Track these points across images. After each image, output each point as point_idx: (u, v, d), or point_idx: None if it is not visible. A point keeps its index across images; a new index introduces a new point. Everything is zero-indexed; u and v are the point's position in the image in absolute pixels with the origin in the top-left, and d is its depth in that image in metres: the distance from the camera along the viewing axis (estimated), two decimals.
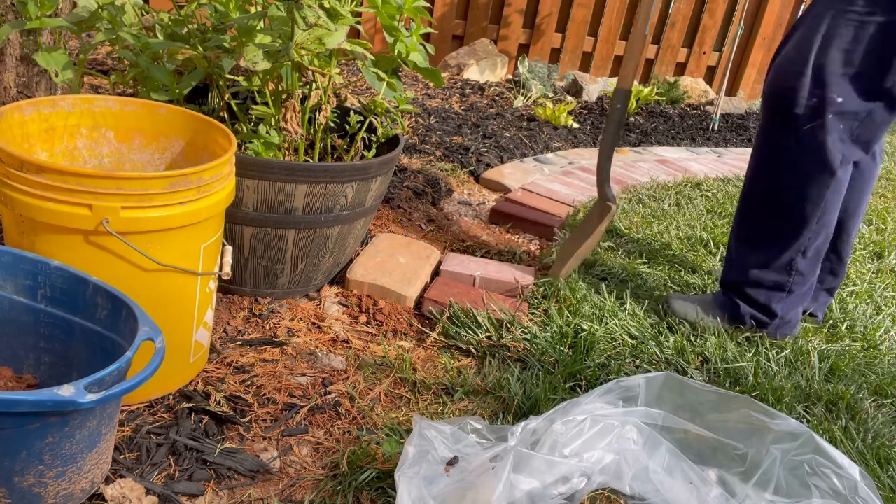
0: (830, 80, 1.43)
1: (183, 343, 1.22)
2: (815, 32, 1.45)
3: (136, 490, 1.02)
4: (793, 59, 1.48)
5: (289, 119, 1.50)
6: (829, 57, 1.43)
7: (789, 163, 1.53)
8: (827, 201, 1.54)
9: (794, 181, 1.53)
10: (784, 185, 1.55)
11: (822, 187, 1.52)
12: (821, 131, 1.47)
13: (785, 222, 1.58)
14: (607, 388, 1.23)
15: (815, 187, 1.52)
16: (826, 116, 1.45)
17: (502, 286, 1.78)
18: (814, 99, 1.45)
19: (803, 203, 1.54)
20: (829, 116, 1.45)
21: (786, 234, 1.58)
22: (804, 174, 1.52)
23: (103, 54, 3.05)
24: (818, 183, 1.52)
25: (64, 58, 1.34)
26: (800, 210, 1.55)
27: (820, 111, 1.46)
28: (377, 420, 1.29)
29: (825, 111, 1.45)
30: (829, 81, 1.44)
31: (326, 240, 1.56)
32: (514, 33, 4.37)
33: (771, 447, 1.17)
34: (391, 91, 1.66)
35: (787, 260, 1.60)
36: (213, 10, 1.51)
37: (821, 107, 1.45)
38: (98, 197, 1.00)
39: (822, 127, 1.46)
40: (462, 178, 2.62)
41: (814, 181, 1.52)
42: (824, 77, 1.44)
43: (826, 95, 1.44)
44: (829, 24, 1.42)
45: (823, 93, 1.44)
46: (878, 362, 1.74)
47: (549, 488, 1.09)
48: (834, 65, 1.43)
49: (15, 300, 1.07)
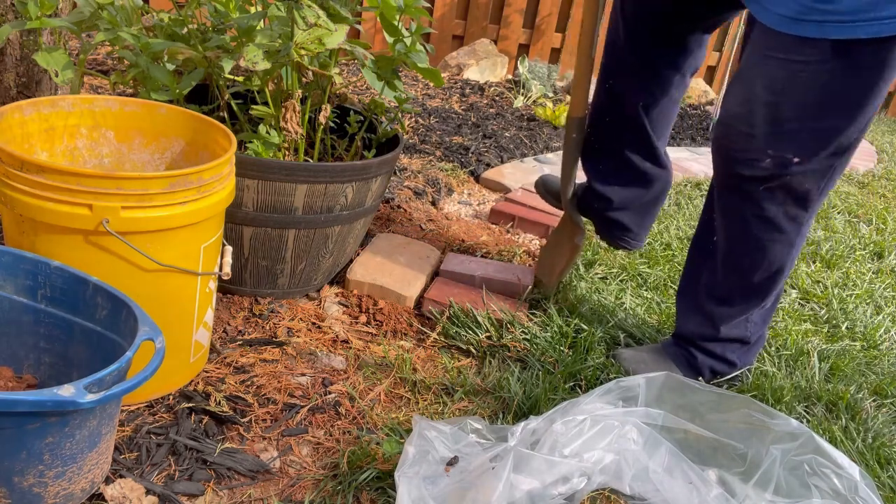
0: (784, 139, 1.23)
1: (183, 343, 1.22)
2: (753, 83, 1.24)
3: (136, 490, 1.02)
4: (737, 115, 1.27)
5: (289, 119, 1.50)
6: (778, 111, 1.22)
7: (746, 228, 1.36)
8: (791, 258, 1.39)
9: (755, 245, 1.36)
10: (743, 249, 1.38)
11: (786, 248, 1.36)
12: (779, 192, 1.29)
13: (746, 283, 1.42)
14: (607, 388, 1.23)
15: (779, 249, 1.36)
16: (783, 178, 1.26)
17: (502, 286, 1.78)
18: (767, 160, 1.25)
19: (767, 266, 1.38)
20: (787, 178, 1.26)
21: (748, 293, 1.43)
22: (764, 239, 1.35)
23: (103, 54, 3.05)
24: (781, 245, 1.36)
25: (64, 58, 1.34)
26: (764, 271, 1.39)
27: (775, 174, 1.27)
28: (377, 420, 1.29)
29: (783, 173, 1.26)
30: (783, 140, 1.24)
31: (326, 240, 1.56)
32: (514, 33, 4.37)
33: (771, 447, 1.17)
34: (391, 91, 1.66)
35: (747, 315, 1.47)
36: (213, 10, 1.51)
37: (776, 168, 1.26)
38: (98, 197, 1.00)
39: (780, 188, 1.28)
40: (462, 178, 2.62)
41: (776, 245, 1.35)
42: (776, 135, 1.24)
43: (782, 156, 1.24)
44: (773, 75, 1.21)
45: (777, 153, 1.25)
46: (878, 362, 1.74)
47: (549, 488, 1.09)
48: (787, 121, 1.22)
49: (15, 300, 1.07)
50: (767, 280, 1.40)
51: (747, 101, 1.25)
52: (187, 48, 1.43)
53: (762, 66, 1.22)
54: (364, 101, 1.82)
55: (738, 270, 1.41)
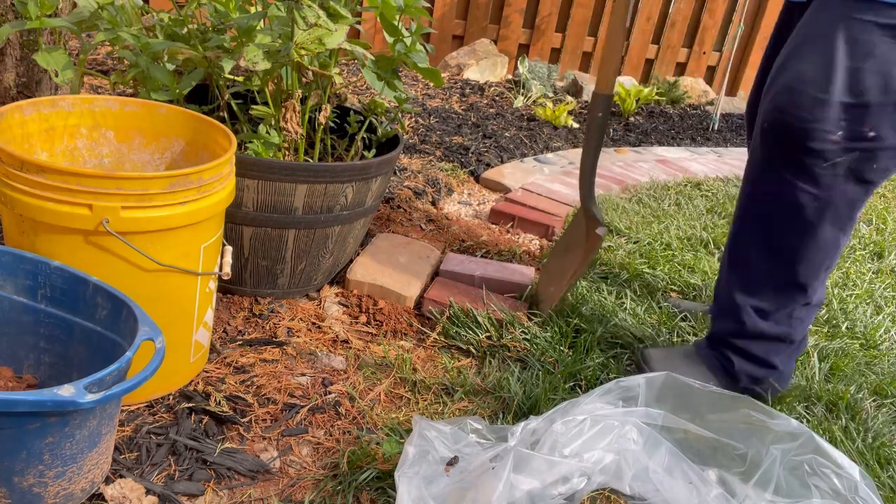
0: (862, 110, 1.13)
1: (183, 343, 1.22)
2: (833, 45, 1.12)
3: (136, 490, 1.02)
4: (811, 80, 1.15)
5: (289, 119, 1.50)
6: (860, 79, 1.11)
7: (798, 211, 1.25)
8: (840, 248, 1.29)
9: (805, 230, 1.26)
10: (792, 235, 1.28)
11: (836, 234, 1.27)
12: (842, 170, 1.18)
13: (792, 273, 1.31)
14: (607, 388, 1.23)
15: (830, 235, 1.26)
16: (852, 154, 1.16)
17: (502, 286, 1.78)
18: (839, 132, 1.15)
19: (815, 253, 1.28)
20: (855, 155, 1.16)
21: (793, 284, 1.32)
22: (817, 223, 1.24)
23: (103, 54, 3.05)
24: (833, 230, 1.26)
25: (64, 58, 1.34)
26: (809, 260, 1.29)
27: (846, 148, 1.16)
28: (377, 420, 1.29)
29: (854, 148, 1.16)
30: (860, 111, 1.13)
31: (326, 240, 1.56)
32: (514, 33, 4.37)
33: (771, 447, 1.16)
34: (391, 91, 1.66)
35: (791, 309, 1.35)
36: (213, 10, 1.51)
37: (846, 142, 1.16)
38: (98, 197, 1.00)
39: (846, 167, 1.18)
40: (462, 178, 2.62)
41: (828, 229, 1.25)
42: (854, 106, 1.13)
43: (858, 129, 1.14)
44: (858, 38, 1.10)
45: (851, 125, 1.14)
46: (878, 362, 1.74)
47: (549, 488, 1.09)
48: (868, 91, 1.11)
49: (15, 300, 1.07)
50: (814, 270, 1.30)
51: (826, 65, 1.13)
52: (187, 48, 1.43)
53: (845, 29, 1.11)
54: (364, 101, 1.82)
55: (784, 259, 1.30)
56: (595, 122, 1.50)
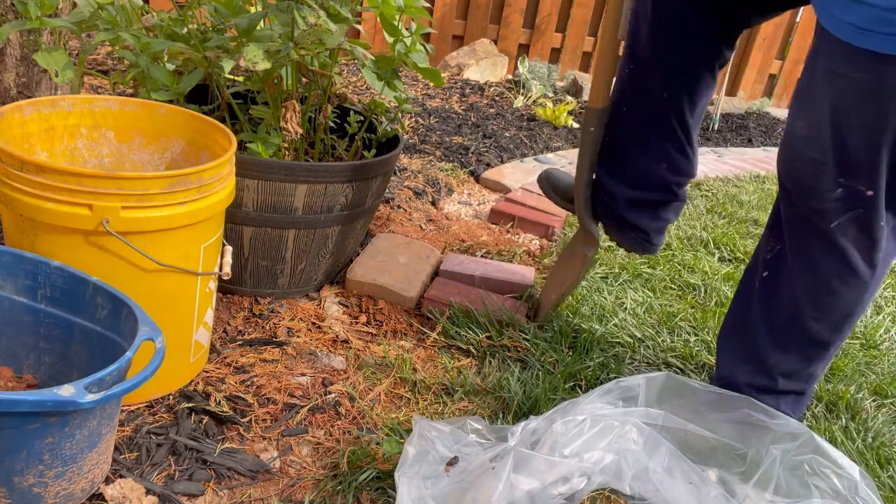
0: (855, 167, 1.08)
1: (183, 343, 1.22)
2: (823, 104, 1.07)
3: (136, 490, 1.02)
4: (805, 138, 1.11)
5: (289, 119, 1.50)
6: (847, 136, 1.06)
7: (814, 265, 1.18)
8: (863, 305, 1.21)
9: (821, 286, 1.19)
10: (810, 290, 1.20)
11: (857, 293, 1.19)
12: (851, 229, 1.13)
13: (810, 330, 1.23)
14: (607, 388, 1.23)
15: (849, 294, 1.19)
16: (856, 213, 1.11)
17: (502, 286, 1.78)
18: (838, 190, 1.10)
19: (831, 310, 1.20)
20: (860, 213, 1.11)
21: (811, 342, 1.25)
22: (833, 279, 1.18)
23: (103, 54, 3.05)
24: (852, 289, 1.18)
25: (64, 58, 1.34)
26: (828, 319, 1.21)
27: (847, 207, 1.11)
28: (377, 420, 1.29)
29: (854, 206, 1.11)
30: (853, 168, 1.08)
31: (326, 240, 1.56)
32: (514, 33, 4.37)
33: (771, 447, 1.16)
34: (391, 91, 1.66)
35: (811, 370, 1.28)
36: (213, 10, 1.51)
37: (848, 200, 1.11)
38: (98, 197, 1.00)
39: (853, 224, 1.13)
40: (462, 178, 2.62)
41: (846, 287, 1.18)
42: (847, 164, 1.08)
43: (853, 187, 1.09)
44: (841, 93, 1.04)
45: (849, 183, 1.09)
46: (878, 362, 1.74)
47: (549, 488, 1.09)
48: (858, 148, 1.06)
49: (15, 300, 1.07)
50: (834, 329, 1.23)
51: (815, 124, 1.08)
52: (187, 48, 1.43)
53: (829, 84, 1.05)
54: (364, 101, 1.83)
55: (802, 316, 1.22)
56: (588, 137, 1.47)
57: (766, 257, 1.27)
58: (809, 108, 1.10)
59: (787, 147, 1.16)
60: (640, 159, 1.50)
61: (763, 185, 3.16)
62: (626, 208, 1.55)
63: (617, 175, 1.53)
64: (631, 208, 1.55)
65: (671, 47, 1.38)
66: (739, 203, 2.82)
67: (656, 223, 1.57)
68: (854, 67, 1.01)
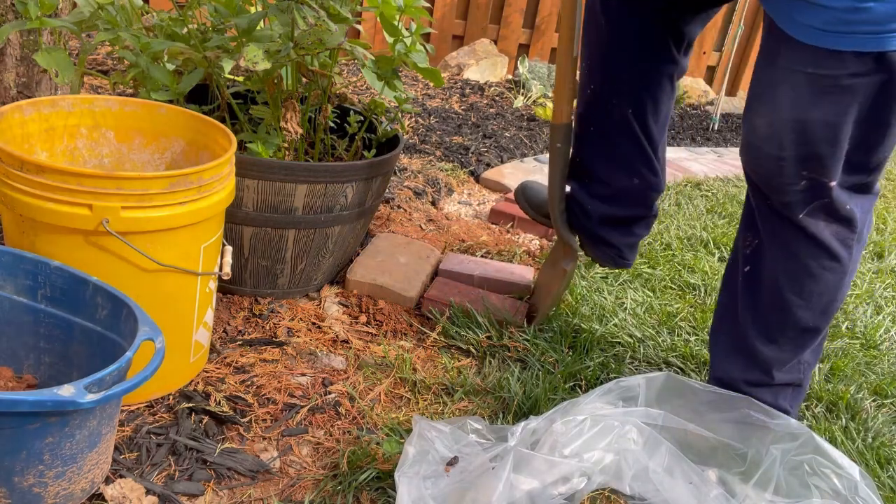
0: (816, 161, 1.12)
1: (183, 343, 1.22)
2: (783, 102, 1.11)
3: (136, 490, 1.02)
4: (764, 136, 1.15)
5: (289, 119, 1.50)
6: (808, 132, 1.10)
7: (792, 253, 1.22)
8: (844, 288, 1.25)
9: (802, 273, 1.22)
10: (792, 278, 1.24)
11: (837, 276, 1.22)
12: (821, 215, 1.18)
13: (797, 318, 1.26)
14: (607, 388, 1.23)
15: (830, 278, 1.22)
16: (823, 201, 1.16)
17: (502, 286, 1.78)
18: (802, 182, 1.14)
19: (814, 296, 1.23)
20: (826, 201, 1.16)
21: (798, 331, 1.27)
22: (813, 264, 1.21)
23: (103, 54, 3.04)
24: (832, 272, 1.22)
25: (64, 58, 1.34)
26: (813, 305, 1.24)
27: (813, 196, 1.16)
28: (377, 420, 1.29)
29: (820, 195, 1.15)
30: (814, 162, 1.12)
31: (326, 240, 1.56)
32: (514, 33, 4.37)
33: (771, 447, 1.16)
34: (391, 91, 1.66)
35: (799, 357, 1.30)
36: (213, 10, 1.51)
37: (812, 191, 1.15)
38: (98, 197, 1.00)
39: (822, 210, 1.17)
40: (462, 178, 2.62)
41: (826, 271, 1.21)
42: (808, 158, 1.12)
43: (815, 178, 1.14)
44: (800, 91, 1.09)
45: (811, 175, 1.14)
46: (878, 362, 1.74)
47: (549, 488, 1.09)
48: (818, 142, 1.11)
49: (15, 300, 1.07)
50: (820, 314, 1.26)
51: (773, 122, 1.13)
52: (187, 48, 1.43)
53: (788, 82, 1.10)
54: (364, 101, 1.83)
55: (787, 305, 1.25)
56: (556, 152, 1.49)
57: (746, 252, 1.30)
58: (769, 106, 1.14)
59: (748, 146, 1.19)
60: (611, 175, 1.53)
61: None
62: (599, 225, 1.58)
63: (589, 191, 1.56)
64: (603, 225, 1.58)
65: (624, 62, 1.42)
66: (739, 203, 2.82)
67: (628, 239, 1.60)
68: (815, 65, 1.06)
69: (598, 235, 1.59)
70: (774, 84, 1.13)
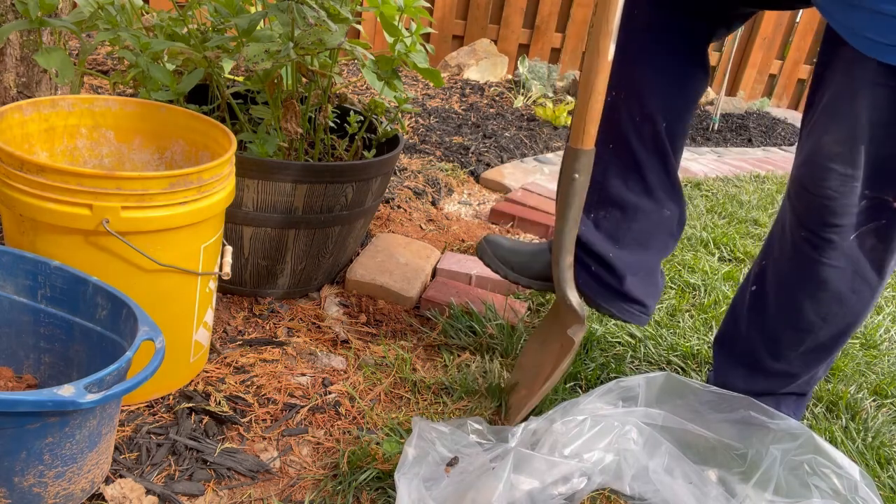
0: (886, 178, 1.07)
1: (183, 343, 1.22)
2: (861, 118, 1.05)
3: (136, 490, 1.02)
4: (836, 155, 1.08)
5: (289, 119, 1.50)
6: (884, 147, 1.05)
7: (826, 277, 1.16)
8: (869, 309, 1.21)
9: (832, 297, 1.18)
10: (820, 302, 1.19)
11: (865, 300, 1.19)
12: (869, 239, 1.13)
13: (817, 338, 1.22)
14: (607, 388, 1.23)
15: (857, 301, 1.18)
16: (878, 223, 1.11)
17: (502, 286, 1.78)
18: (863, 202, 1.09)
19: (840, 318, 1.20)
20: (882, 223, 1.11)
21: (817, 350, 1.24)
22: (844, 289, 1.17)
23: (103, 54, 3.05)
24: (861, 296, 1.18)
25: (64, 58, 1.34)
26: (836, 326, 1.21)
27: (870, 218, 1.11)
28: (377, 420, 1.29)
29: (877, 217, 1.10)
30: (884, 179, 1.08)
31: (326, 240, 1.56)
32: (514, 33, 4.37)
33: (771, 447, 1.16)
34: (391, 91, 1.66)
35: (813, 374, 1.28)
36: (214, 10, 1.51)
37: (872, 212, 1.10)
38: (98, 197, 1.00)
39: (873, 234, 1.12)
40: (462, 178, 2.62)
41: (855, 294, 1.17)
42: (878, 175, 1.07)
43: (880, 198, 1.09)
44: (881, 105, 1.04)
45: (875, 195, 1.09)
46: (878, 362, 1.74)
47: (549, 488, 1.09)
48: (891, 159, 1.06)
49: (15, 300, 1.07)
50: (840, 335, 1.23)
51: (850, 139, 1.07)
52: (187, 48, 1.43)
53: (868, 97, 1.05)
54: (364, 101, 1.82)
55: (810, 326, 1.21)
56: (573, 185, 1.15)
57: (756, 271, 1.28)
58: (842, 122, 1.08)
59: (814, 166, 1.12)
60: (642, 205, 1.31)
61: (763, 185, 3.16)
62: (628, 278, 1.34)
63: (610, 233, 1.33)
64: (633, 277, 1.34)
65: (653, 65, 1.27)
66: (739, 203, 2.82)
67: (651, 288, 1.40)
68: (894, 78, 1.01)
69: (624, 293, 1.36)
70: (851, 98, 1.07)
